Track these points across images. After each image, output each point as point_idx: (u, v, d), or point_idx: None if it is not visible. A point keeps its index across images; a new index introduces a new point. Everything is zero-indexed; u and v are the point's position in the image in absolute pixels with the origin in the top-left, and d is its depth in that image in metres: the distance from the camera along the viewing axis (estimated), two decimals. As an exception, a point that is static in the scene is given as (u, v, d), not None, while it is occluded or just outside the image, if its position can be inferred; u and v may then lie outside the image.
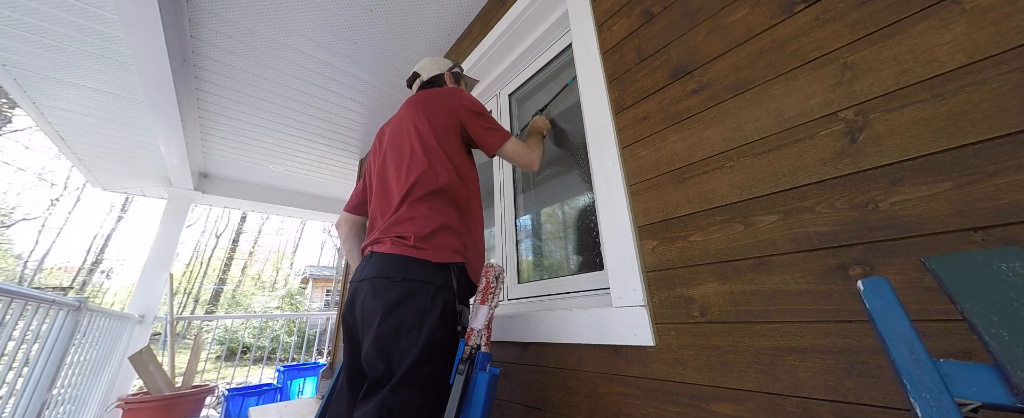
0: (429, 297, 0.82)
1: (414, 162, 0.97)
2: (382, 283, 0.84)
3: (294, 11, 1.84)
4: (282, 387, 3.20)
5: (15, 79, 2.21)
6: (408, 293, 0.82)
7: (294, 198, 4.42)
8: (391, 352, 0.77)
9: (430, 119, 1.01)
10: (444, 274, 0.87)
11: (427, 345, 0.78)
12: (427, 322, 0.80)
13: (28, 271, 18.28)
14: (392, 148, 1.05)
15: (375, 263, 0.88)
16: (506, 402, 1.10)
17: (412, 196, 0.93)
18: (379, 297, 0.83)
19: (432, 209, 0.92)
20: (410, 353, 0.77)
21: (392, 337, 0.78)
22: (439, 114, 1.03)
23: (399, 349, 0.77)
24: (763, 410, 0.60)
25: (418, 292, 0.82)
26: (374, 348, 0.78)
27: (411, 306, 0.81)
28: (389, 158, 1.04)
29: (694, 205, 0.77)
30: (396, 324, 0.79)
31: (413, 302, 0.81)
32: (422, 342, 0.78)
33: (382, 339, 0.79)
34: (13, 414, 1.49)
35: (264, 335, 8.69)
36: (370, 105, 2.69)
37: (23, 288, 1.42)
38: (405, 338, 0.78)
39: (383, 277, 0.84)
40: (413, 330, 0.79)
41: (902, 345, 0.28)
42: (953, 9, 0.52)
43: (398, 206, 0.94)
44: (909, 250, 0.51)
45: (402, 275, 0.84)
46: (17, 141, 18.48)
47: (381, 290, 0.83)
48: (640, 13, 0.99)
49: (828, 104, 0.61)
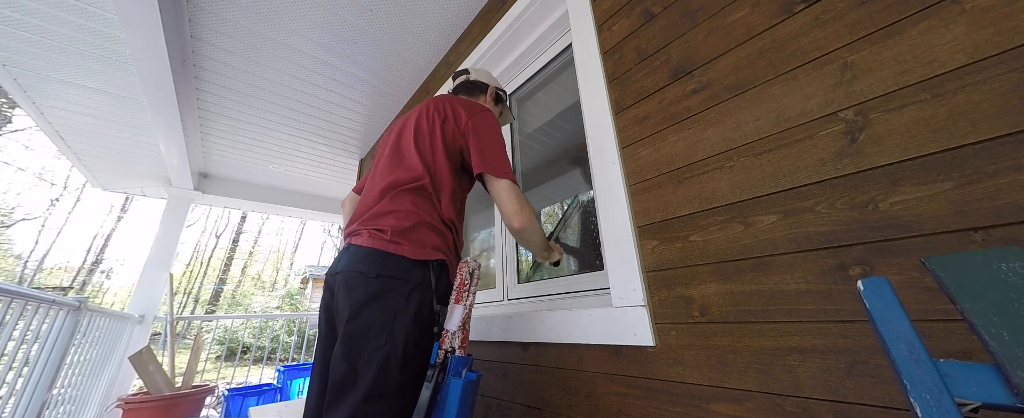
0: (404, 296, 0.76)
1: (407, 156, 0.92)
2: (355, 278, 0.79)
3: (294, 11, 1.84)
4: (282, 387, 3.20)
5: (15, 79, 2.21)
6: (381, 290, 0.76)
7: (294, 198, 4.42)
8: (357, 354, 0.72)
9: (445, 119, 0.95)
10: (422, 271, 0.80)
11: (398, 349, 0.72)
12: (399, 323, 0.74)
13: (28, 271, 18.29)
14: (390, 142, 1.01)
15: (350, 256, 0.83)
16: (506, 402, 1.10)
17: (396, 188, 0.88)
18: (350, 293, 0.78)
19: (415, 204, 0.86)
20: (376, 356, 0.71)
21: (360, 337, 0.73)
22: (453, 118, 0.95)
23: (366, 351, 0.72)
24: (763, 410, 0.60)
25: (392, 290, 0.77)
26: (341, 348, 0.73)
27: (383, 305, 0.75)
28: (388, 148, 1.00)
29: (694, 205, 0.77)
30: (366, 324, 0.74)
31: (385, 300, 0.75)
32: (391, 345, 0.72)
33: (349, 339, 0.73)
34: (13, 414, 1.49)
35: (264, 335, 8.68)
36: (370, 105, 2.69)
37: (23, 288, 1.42)
38: (374, 339, 0.72)
39: (356, 272, 0.79)
40: (383, 331, 0.73)
41: (902, 345, 0.28)
42: (953, 9, 0.52)
43: (379, 197, 0.89)
44: (909, 250, 0.51)
45: (376, 271, 0.78)
46: (17, 141, 18.50)
47: (353, 286, 0.78)
48: (640, 13, 0.99)
49: (828, 104, 0.61)
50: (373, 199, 0.90)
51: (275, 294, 17.87)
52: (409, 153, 0.93)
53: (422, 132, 0.95)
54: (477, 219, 1.96)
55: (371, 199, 0.91)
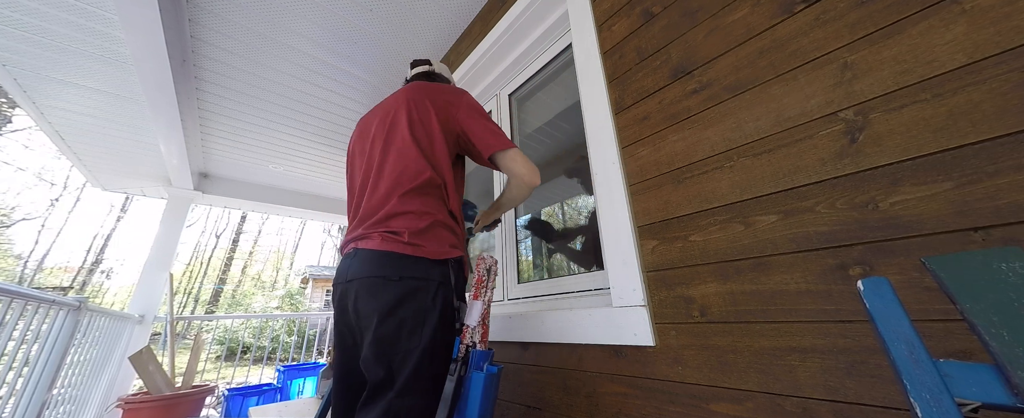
0: (430, 296, 0.78)
1: (407, 152, 0.89)
2: (377, 283, 0.79)
3: (294, 11, 1.84)
4: (282, 387, 3.20)
5: (15, 79, 2.21)
6: (408, 292, 0.77)
7: (294, 198, 4.42)
8: (392, 355, 0.73)
9: (433, 109, 0.93)
10: (442, 270, 0.82)
11: (429, 347, 0.74)
12: (429, 322, 0.76)
13: (28, 271, 18.28)
14: (381, 137, 0.95)
15: (364, 261, 0.82)
16: (506, 402, 1.10)
17: (402, 188, 0.86)
18: (374, 297, 0.77)
19: (426, 204, 0.86)
20: (412, 356, 0.73)
21: (392, 339, 0.74)
22: (441, 107, 0.94)
23: (400, 352, 0.73)
24: (763, 410, 0.60)
25: (419, 290, 0.78)
26: (372, 352, 0.74)
27: (412, 306, 0.76)
28: (376, 148, 0.95)
29: (694, 205, 0.77)
30: (396, 325, 0.75)
31: (414, 301, 0.77)
32: (423, 344, 0.74)
33: (381, 342, 0.74)
34: (13, 414, 1.49)
35: (264, 335, 8.68)
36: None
37: (23, 288, 1.42)
38: (407, 340, 0.74)
39: (377, 276, 0.79)
40: (415, 332, 0.75)
41: (902, 345, 0.28)
42: (953, 9, 0.52)
43: (386, 198, 0.87)
44: (909, 250, 0.51)
45: (399, 274, 0.78)
46: (17, 141, 18.49)
47: (376, 290, 0.78)
48: (640, 13, 0.99)
49: (828, 104, 0.61)
50: (379, 201, 0.88)
51: (275, 294, 17.87)
52: (408, 149, 0.90)
53: (416, 125, 0.92)
54: (477, 219, 1.96)
55: (377, 201, 0.89)
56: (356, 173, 1.00)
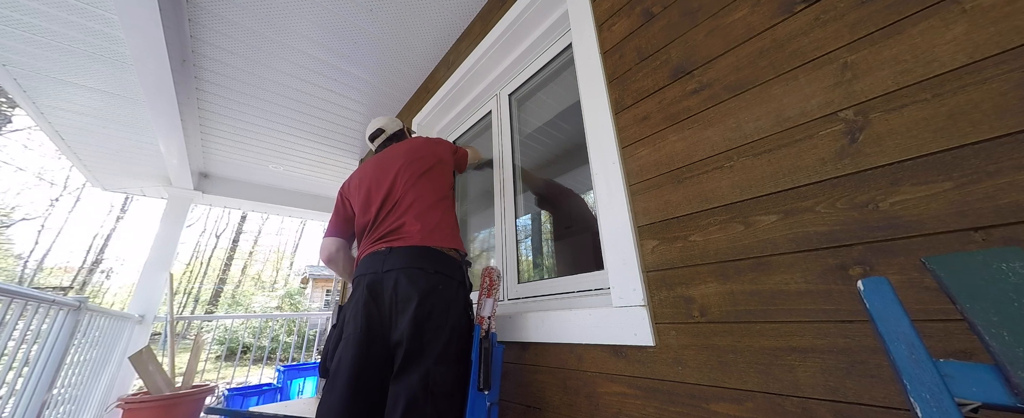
0: (453, 290, 1.02)
1: (422, 181, 1.17)
2: (416, 272, 0.99)
3: (294, 11, 1.84)
4: (282, 387, 3.20)
5: (15, 79, 2.21)
6: (437, 284, 0.99)
7: (294, 198, 4.42)
8: (424, 331, 0.92)
9: (431, 154, 1.26)
10: (461, 272, 1.07)
11: (454, 328, 0.96)
12: (453, 310, 0.99)
13: (28, 271, 18.28)
14: (402, 173, 1.19)
15: (403, 255, 1.01)
16: (506, 402, 1.10)
17: (425, 201, 1.12)
18: (414, 284, 0.97)
19: (445, 215, 1.13)
20: (441, 333, 0.93)
21: (426, 318, 0.94)
22: (436, 152, 1.29)
23: (431, 329, 0.93)
24: (763, 410, 0.60)
25: (446, 283, 1.00)
26: (411, 328, 0.92)
27: (441, 295, 0.98)
28: (400, 180, 1.18)
29: (694, 205, 0.76)
30: (430, 308, 0.95)
31: (442, 292, 0.99)
32: (450, 326, 0.95)
33: (418, 320, 0.93)
34: (13, 414, 1.49)
35: (264, 335, 8.68)
36: (370, 105, 2.69)
37: (23, 288, 1.42)
38: (437, 319, 0.95)
39: (416, 267, 0.99)
40: (442, 315, 0.96)
41: (902, 345, 0.28)
42: (953, 9, 0.52)
43: (408, 208, 1.10)
44: (909, 250, 0.51)
45: (434, 267, 1.00)
46: (17, 141, 18.49)
47: (416, 278, 0.98)
48: (640, 13, 0.99)
49: (828, 104, 0.61)
50: (403, 210, 1.11)
51: (275, 294, 17.88)
52: (422, 180, 1.17)
53: (424, 161, 1.22)
54: (477, 219, 1.96)
55: (398, 212, 1.11)
56: (372, 199, 1.19)
